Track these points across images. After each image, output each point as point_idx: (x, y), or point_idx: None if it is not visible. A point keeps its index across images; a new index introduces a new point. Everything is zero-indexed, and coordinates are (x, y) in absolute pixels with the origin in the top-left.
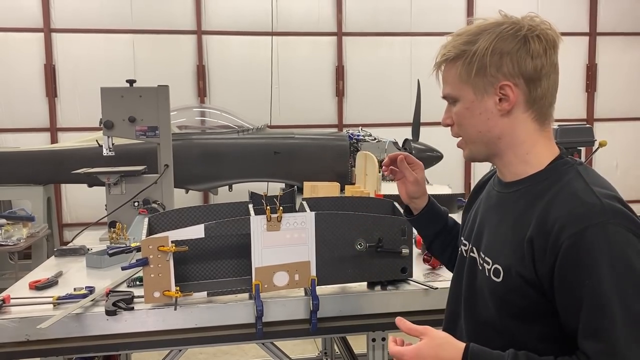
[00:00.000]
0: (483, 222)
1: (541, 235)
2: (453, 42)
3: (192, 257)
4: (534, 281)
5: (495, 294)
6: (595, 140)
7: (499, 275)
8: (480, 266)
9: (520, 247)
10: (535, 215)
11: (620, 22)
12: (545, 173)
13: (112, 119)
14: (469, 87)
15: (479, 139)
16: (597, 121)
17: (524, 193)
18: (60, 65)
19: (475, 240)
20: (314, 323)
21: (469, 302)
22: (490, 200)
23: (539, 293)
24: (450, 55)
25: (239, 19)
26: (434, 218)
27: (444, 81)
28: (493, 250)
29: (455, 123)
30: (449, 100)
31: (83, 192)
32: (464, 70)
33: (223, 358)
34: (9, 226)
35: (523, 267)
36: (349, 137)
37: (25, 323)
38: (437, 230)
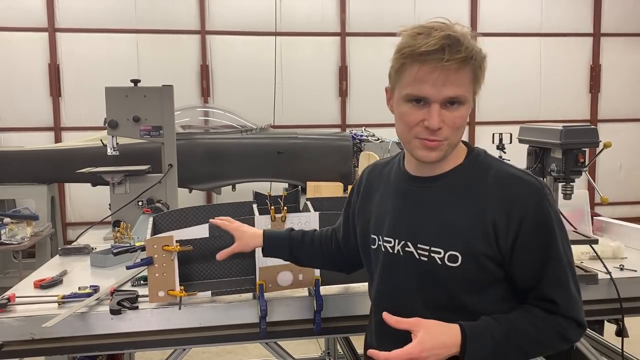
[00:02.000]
0: (412, 217)
1: (503, 215)
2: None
3: (196, 256)
4: (494, 255)
5: (453, 277)
6: (600, 141)
7: (456, 260)
8: (424, 257)
9: (481, 229)
10: (487, 198)
11: (624, 23)
12: (469, 164)
13: (117, 118)
14: (471, 90)
15: (459, 140)
16: (600, 122)
17: (455, 183)
18: (65, 65)
19: (408, 235)
20: (318, 323)
21: (417, 293)
22: (411, 196)
23: (497, 264)
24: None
25: (242, 19)
26: (277, 242)
27: (452, 82)
28: (442, 239)
29: (451, 126)
30: (452, 102)
31: (87, 192)
32: (475, 73)
33: (226, 357)
34: (13, 225)
35: (487, 245)
36: (352, 137)
37: (30, 322)
38: (290, 248)
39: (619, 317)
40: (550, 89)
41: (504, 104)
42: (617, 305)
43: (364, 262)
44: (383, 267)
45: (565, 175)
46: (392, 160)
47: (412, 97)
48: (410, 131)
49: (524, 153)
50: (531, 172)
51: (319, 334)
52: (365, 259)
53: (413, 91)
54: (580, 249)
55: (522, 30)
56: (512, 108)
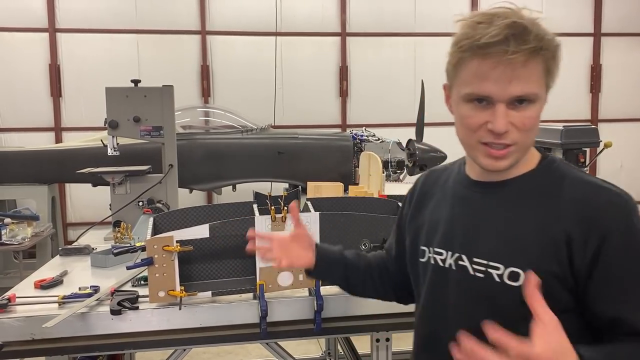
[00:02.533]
0: (469, 227)
1: (580, 228)
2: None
3: (196, 256)
4: (564, 277)
5: (511, 298)
6: (600, 141)
7: (517, 278)
8: (480, 273)
9: (552, 244)
10: (560, 210)
11: (625, 23)
12: (542, 170)
13: (117, 118)
14: (545, 85)
15: (532, 144)
16: (601, 122)
17: (525, 191)
18: (65, 65)
19: (463, 247)
20: (318, 323)
21: (466, 315)
22: (472, 203)
23: (565, 289)
24: (539, 45)
25: (243, 19)
26: (332, 261)
27: (520, 77)
28: (503, 253)
29: (520, 128)
30: (520, 101)
31: (87, 192)
32: (547, 65)
33: (227, 358)
34: (13, 225)
35: (556, 263)
36: (352, 137)
37: (30, 322)
38: (343, 270)
39: None
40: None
41: None
42: None
43: (411, 279)
44: (430, 283)
45: None
46: (451, 166)
47: (473, 96)
48: (472, 136)
49: None
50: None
51: (319, 334)
52: (413, 275)
53: (474, 90)
54: None
55: None
56: None
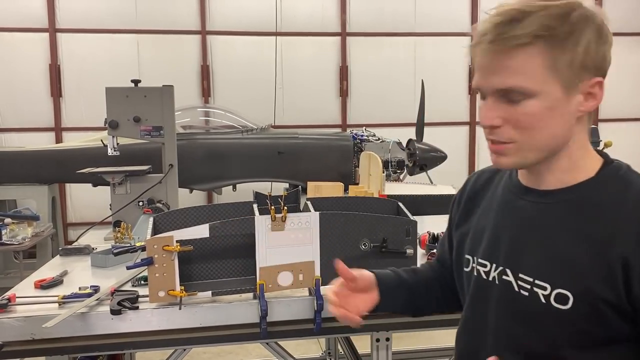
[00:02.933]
0: (516, 238)
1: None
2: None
3: (196, 256)
4: (620, 304)
5: (560, 323)
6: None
7: (566, 301)
8: (524, 291)
9: (603, 266)
10: (619, 228)
11: (626, 23)
12: (602, 179)
13: (117, 118)
14: (556, 80)
15: (547, 145)
16: (602, 122)
17: (582, 203)
18: (65, 65)
19: (508, 261)
20: (318, 323)
21: (506, 334)
22: (520, 211)
23: (621, 318)
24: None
25: (243, 19)
26: (393, 289)
27: (505, 68)
28: (550, 272)
29: (514, 125)
30: (508, 95)
31: (87, 192)
32: (554, 58)
33: (227, 357)
34: (14, 225)
35: (610, 289)
36: (352, 137)
37: (30, 322)
38: (408, 295)
39: None
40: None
41: None
42: None
43: (458, 287)
44: (472, 295)
45: None
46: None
47: (476, 89)
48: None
49: None
50: None
51: (319, 334)
52: (459, 284)
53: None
54: None
55: None
56: None
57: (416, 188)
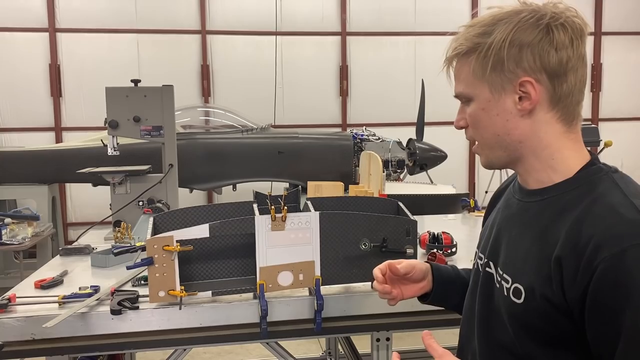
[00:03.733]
0: (500, 234)
1: (572, 255)
2: (465, 34)
3: (196, 256)
4: (561, 305)
5: (515, 316)
6: (600, 140)
7: (519, 295)
8: (497, 283)
9: (546, 266)
10: (564, 230)
11: (626, 22)
12: (574, 181)
13: (117, 118)
14: (484, 84)
15: (496, 143)
16: (602, 121)
17: (550, 203)
18: (65, 65)
19: (492, 254)
20: (319, 323)
21: (484, 322)
22: (509, 209)
23: (567, 318)
24: (463, 48)
25: (243, 19)
26: (448, 284)
27: (456, 78)
28: (512, 266)
29: (469, 125)
30: (462, 100)
31: (88, 192)
32: (479, 65)
33: (227, 357)
34: (14, 225)
35: (549, 288)
36: (353, 136)
37: (30, 322)
38: (461, 292)
39: None
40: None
41: None
42: None
43: None
44: (470, 285)
45: None
46: None
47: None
48: None
49: None
50: None
51: (319, 334)
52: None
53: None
54: None
55: None
56: None
57: (416, 188)
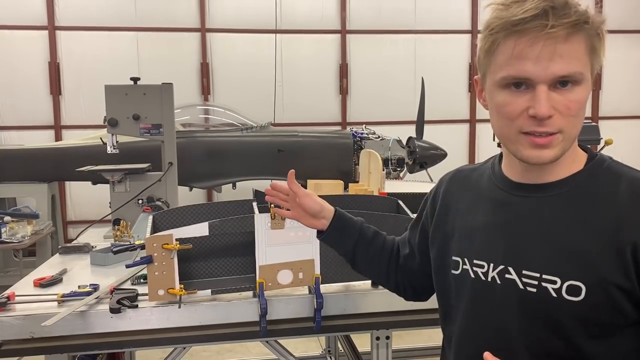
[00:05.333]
0: (514, 235)
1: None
2: (575, 4)
3: (196, 255)
4: (632, 289)
5: (572, 316)
6: (601, 139)
7: (578, 293)
8: (531, 287)
9: (615, 253)
10: (622, 215)
11: (626, 20)
12: (592, 170)
13: (117, 116)
14: (589, 65)
15: (578, 134)
16: (602, 119)
17: (577, 194)
18: (65, 63)
19: (509, 258)
20: (318, 321)
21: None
22: (511, 207)
23: (631, 303)
24: (581, 19)
25: (242, 17)
26: (344, 230)
27: (562, 54)
28: (559, 265)
29: (564, 114)
30: (564, 83)
31: (87, 190)
32: (592, 42)
33: (226, 356)
34: (13, 223)
35: (622, 275)
36: (352, 135)
37: (29, 320)
38: (353, 243)
39: None
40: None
41: None
42: None
43: (437, 291)
44: (472, 299)
45: None
46: (481, 166)
47: (511, 79)
48: (511, 125)
49: None
50: None
51: (319, 333)
52: (440, 287)
53: (511, 72)
54: None
55: None
56: None
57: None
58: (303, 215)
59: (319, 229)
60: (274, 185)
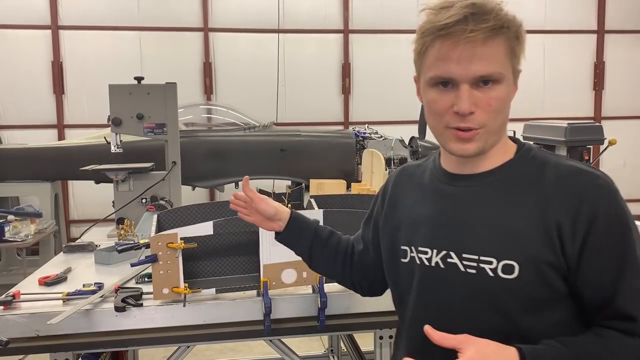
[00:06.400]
0: (454, 222)
1: (568, 214)
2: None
3: (200, 254)
4: (559, 264)
5: (508, 292)
6: (605, 139)
7: (512, 271)
8: (471, 269)
9: (544, 233)
10: (548, 197)
11: (628, 20)
12: (521, 159)
13: (120, 116)
14: (509, 65)
15: (501, 127)
16: (604, 119)
17: (509, 181)
18: (68, 62)
19: (450, 244)
20: (322, 320)
21: (461, 314)
22: (450, 197)
23: (559, 277)
24: (497, 24)
25: (245, 16)
26: (300, 231)
27: (481, 56)
28: (495, 247)
29: (485, 110)
30: (485, 82)
31: (90, 189)
32: (511, 44)
33: (229, 354)
34: (17, 222)
35: (550, 252)
36: (355, 134)
37: (35, 319)
38: (309, 243)
39: None
40: (554, 86)
41: None
42: None
43: (389, 281)
44: (419, 284)
45: None
46: (425, 161)
47: (437, 79)
48: (440, 121)
49: None
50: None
51: (323, 332)
52: (392, 277)
53: (437, 72)
54: None
55: (525, 26)
56: (514, 105)
57: None
58: (261, 219)
59: (277, 230)
60: (235, 195)
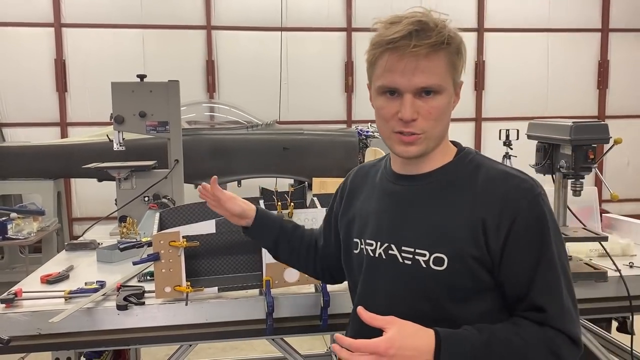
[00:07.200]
0: (396, 218)
1: (493, 213)
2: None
3: (203, 252)
4: (484, 259)
5: (438, 282)
6: (610, 138)
7: (441, 263)
8: (408, 260)
9: (470, 229)
10: (477, 198)
11: (633, 19)
12: (459, 162)
13: (123, 113)
14: (450, 78)
15: (441, 134)
16: (608, 118)
17: (446, 181)
18: (71, 60)
19: (391, 237)
20: (325, 319)
21: (397, 299)
22: (394, 195)
23: (485, 270)
24: (439, 39)
25: (248, 14)
26: (266, 226)
27: (423, 69)
28: (428, 241)
29: (426, 117)
30: (427, 92)
31: (93, 187)
32: (452, 59)
33: (231, 353)
34: (19, 220)
35: (475, 247)
36: (358, 133)
37: (37, 317)
38: (275, 237)
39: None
40: (558, 85)
41: (511, 99)
42: (626, 303)
43: (345, 271)
44: (365, 273)
45: (575, 171)
46: (379, 162)
47: (385, 88)
48: (387, 125)
49: (531, 149)
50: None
51: (325, 331)
52: (347, 267)
53: (384, 82)
54: (589, 246)
55: (529, 25)
56: (519, 104)
57: None
58: (230, 216)
59: (244, 226)
60: (203, 186)
